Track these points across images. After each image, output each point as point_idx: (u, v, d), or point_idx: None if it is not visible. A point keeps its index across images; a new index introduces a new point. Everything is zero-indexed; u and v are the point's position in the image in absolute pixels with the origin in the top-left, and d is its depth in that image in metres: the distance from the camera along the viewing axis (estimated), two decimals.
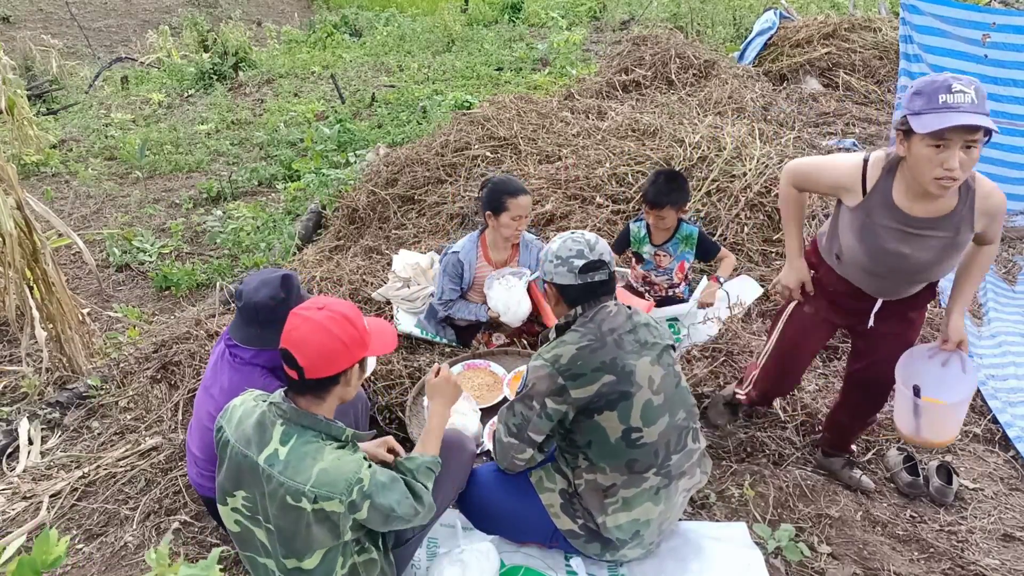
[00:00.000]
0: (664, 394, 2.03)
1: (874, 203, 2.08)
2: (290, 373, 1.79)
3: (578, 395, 1.97)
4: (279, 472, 1.72)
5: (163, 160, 7.26)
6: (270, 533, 1.78)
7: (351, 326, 1.81)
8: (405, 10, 15.22)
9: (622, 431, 1.98)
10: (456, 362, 2.97)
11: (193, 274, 4.82)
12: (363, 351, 1.85)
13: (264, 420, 1.80)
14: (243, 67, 10.83)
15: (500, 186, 3.15)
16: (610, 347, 1.99)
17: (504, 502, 2.17)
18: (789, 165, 2.36)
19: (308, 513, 1.71)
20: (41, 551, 1.18)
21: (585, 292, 2.07)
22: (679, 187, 3.26)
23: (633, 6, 12.54)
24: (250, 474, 1.77)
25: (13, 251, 3.27)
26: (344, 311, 1.82)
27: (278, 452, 1.74)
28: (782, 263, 3.79)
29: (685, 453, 2.11)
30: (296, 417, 1.78)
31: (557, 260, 2.08)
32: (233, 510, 1.82)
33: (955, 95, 1.85)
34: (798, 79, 7.00)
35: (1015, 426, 3.02)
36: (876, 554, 2.31)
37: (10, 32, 12.49)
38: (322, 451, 1.74)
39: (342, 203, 5.11)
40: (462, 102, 7.54)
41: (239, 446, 1.78)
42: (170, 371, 3.29)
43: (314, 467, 1.71)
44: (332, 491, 1.70)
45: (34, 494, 2.73)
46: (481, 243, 3.31)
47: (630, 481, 2.03)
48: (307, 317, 1.78)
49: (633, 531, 2.08)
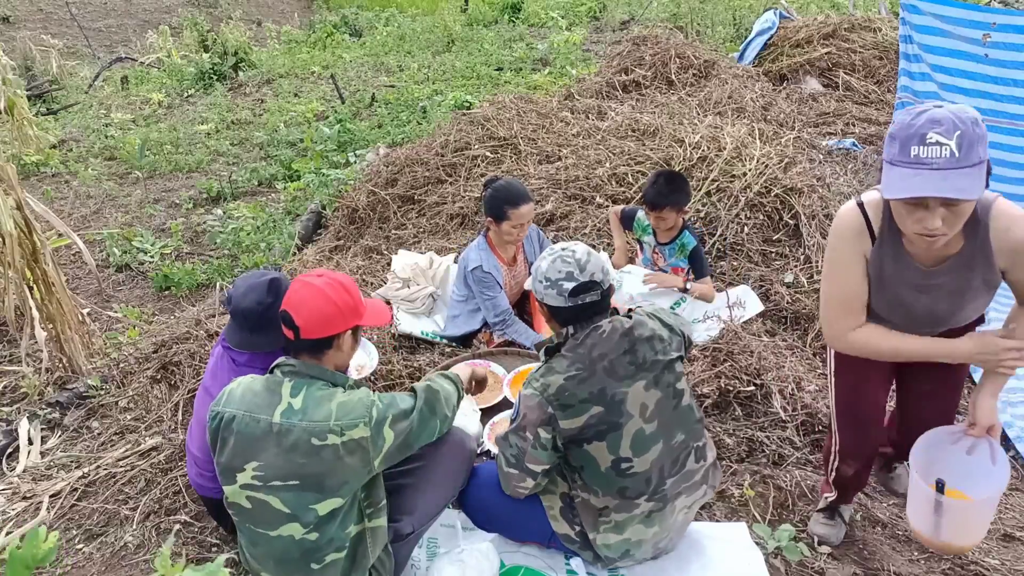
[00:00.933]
0: (658, 420, 1.97)
1: (885, 253, 1.85)
2: (287, 333, 1.90)
3: (566, 426, 1.93)
4: (299, 420, 1.80)
5: (163, 160, 7.26)
6: (290, 490, 1.81)
7: (347, 293, 1.93)
8: (405, 10, 15.22)
9: (611, 461, 1.95)
10: (456, 362, 2.97)
11: (193, 274, 4.82)
12: (357, 319, 1.96)
13: (270, 384, 1.89)
14: (243, 67, 10.83)
15: (501, 194, 3.11)
16: (599, 376, 1.92)
17: (505, 502, 2.16)
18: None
19: (338, 447, 1.79)
20: (31, 547, 1.19)
21: (577, 314, 1.99)
22: (679, 188, 3.24)
23: (633, 6, 12.55)
24: (262, 439, 1.82)
25: (13, 251, 3.27)
26: (341, 280, 1.95)
27: (292, 404, 1.83)
28: (782, 263, 3.80)
29: (682, 475, 2.05)
30: (304, 369, 1.89)
31: (547, 282, 2.00)
32: (243, 487, 1.84)
33: (929, 147, 1.55)
34: (798, 79, 7.00)
35: (1015, 426, 3.02)
36: (876, 554, 2.31)
37: (10, 32, 12.48)
38: (333, 394, 1.86)
39: (342, 203, 5.11)
40: (462, 102, 7.54)
41: (249, 414, 1.84)
42: (170, 371, 3.29)
43: (331, 403, 1.83)
44: (355, 418, 1.81)
45: (34, 494, 2.73)
46: (490, 246, 3.30)
47: (622, 506, 2.01)
48: (307, 282, 1.92)
49: (623, 551, 2.08)
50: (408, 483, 2.10)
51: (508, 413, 2.66)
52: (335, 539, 1.85)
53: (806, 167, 4.35)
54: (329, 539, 1.85)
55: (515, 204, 3.08)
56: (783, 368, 3.02)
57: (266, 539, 1.86)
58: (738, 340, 3.15)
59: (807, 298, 3.54)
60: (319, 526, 1.83)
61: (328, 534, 1.84)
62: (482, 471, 2.26)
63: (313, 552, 1.85)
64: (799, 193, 4.00)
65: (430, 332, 3.51)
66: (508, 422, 2.55)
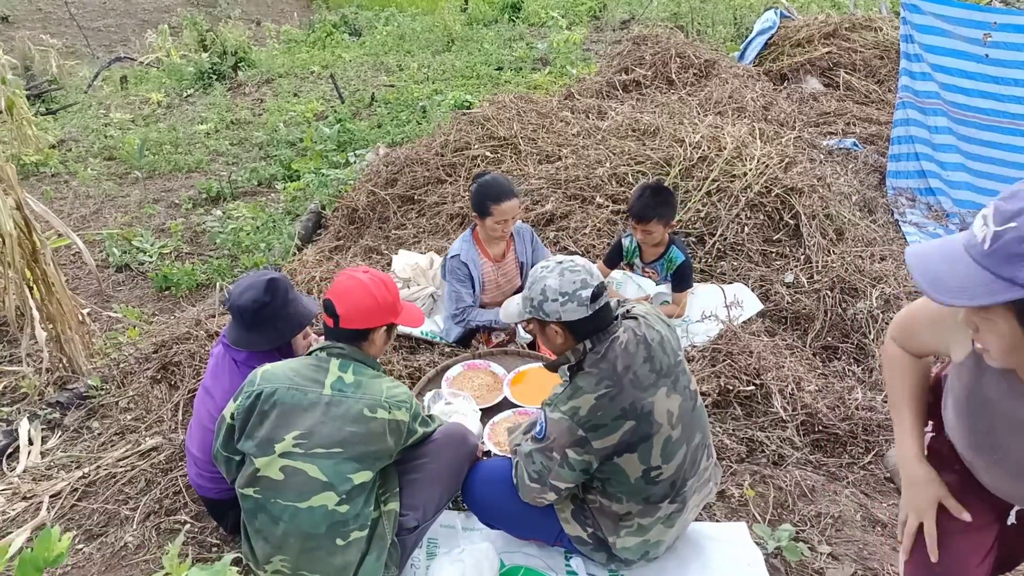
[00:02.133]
0: (682, 424, 1.96)
1: (989, 369, 1.33)
2: (327, 320, 2.05)
3: (600, 445, 1.88)
4: (352, 392, 1.96)
5: (162, 160, 7.26)
6: (331, 457, 1.90)
7: (388, 292, 2.09)
8: (405, 9, 15.20)
9: (642, 471, 1.93)
10: (456, 362, 2.97)
11: (193, 274, 4.81)
12: (393, 316, 2.12)
13: (316, 362, 2.02)
14: (242, 67, 10.82)
15: (485, 189, 3.09)
16: (628, 390, 1.86)
17: (513, 499, 2.14)
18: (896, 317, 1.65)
19: (385, 422, 1.95)
20: (43, 548, 1.18)
21: (598, 321, 1.93)
22: (665, 201, 3.18)
23: (633, 5, 12.53)
24: (308, 409, 1.93)
25: (13, 251, 3.26)
26: (384, 278, 2.11)
27: (343, 378, 1.98)
28: (782, 263, 3.79)
29: (697, 475, 2.07)
30: (352, 353, 2.04)
31: (563, 297, 1.89)
32: (282, 455, 1.90)
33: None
34: (798, 79, 6.99)
35: None
36: (876, 554, 2.31)
37: (9, 32, 12.47)
38: (381, 376, 2.06)
39: (342, 203, 5.10)
40: (462, 102, 7.53)
41: (297, 386, 1.96)
42: (170, 371, 3.29)
43: (382, 384, 2.01)
44: (401, 402, 2.00)
45: (34, 494, 2.73)
46: (475, 240, 3.29)
47: (646, 511, 2.01)
48: (352, 275, 2.09)
49: (643, 552, 2.08)
50: (413, 478, 2.13)
51: (508, 413, 2.66)
52: (361, 515, 1.93)
53: (806, 167, 4.34)
54: (356, 514, 1.92)
55: (498, 200, 3.05)
56: (783, 368, 3.02)
57: (293, 513, 1.89)
58: (738, 340, 3.15)
59: (807, 298, 3.54)
60: (351, 498, 1.91)
61: (356, 508, 1.92)
62: (489, 467, 2.26)
63: (340, 526, 1.90)
64: (799, 193, 4.00)
65: (430, 332, 3.51)
66: (508, 422, 2.57)
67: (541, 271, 1.97)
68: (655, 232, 3.23)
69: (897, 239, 4.42)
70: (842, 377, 3.19)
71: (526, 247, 3.39)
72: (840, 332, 3.44)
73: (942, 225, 4.73)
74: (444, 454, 2.17)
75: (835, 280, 3.56)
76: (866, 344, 3.34)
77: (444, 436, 2.21)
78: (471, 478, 2.24)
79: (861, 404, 2.93)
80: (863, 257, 3.81)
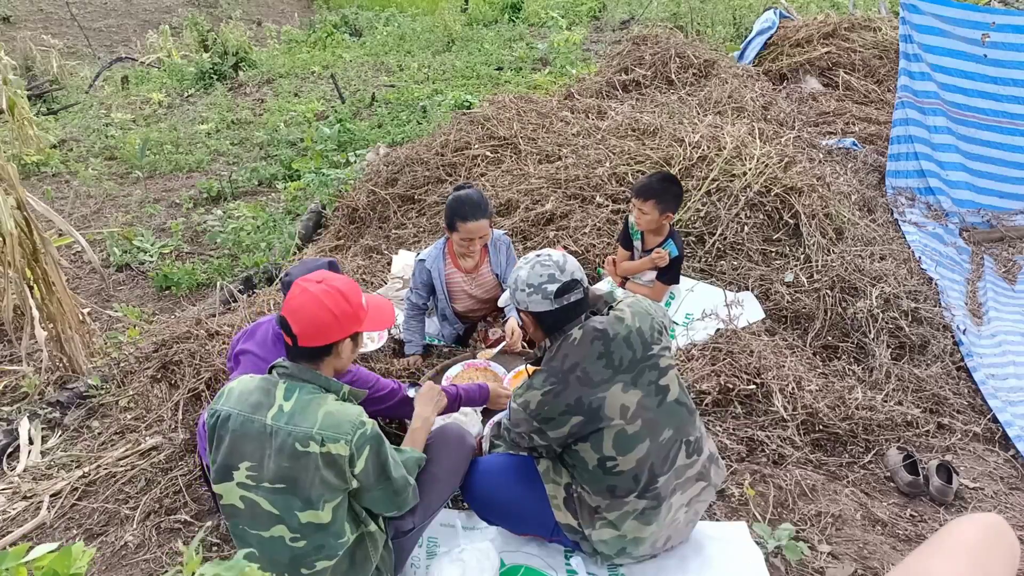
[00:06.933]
0: (642, 419, 1.97)
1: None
2: (287, 339, 1.88)
3: (554, 435, 2.00)
4: (285, 423, 1.79)
5: (163, 160, 7.26)
6: (277, 493, 1.80)
7: (344, 301, 1.89)
8: (405, 10, 15.21)
9: (597, 460, 1.99)
10: (456, 362, 2.98)
11: (193, 274, 4.82)
12: (356, 326, 1.93)
13: (266, 384, 1.87)
14: (243, 67, 10.83)
15: (456, 205, 3.00)
16: (573, 387, 1.93)
17: (509, 490, 2.18)
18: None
19: (317, 456, 1.77)
20: (63, 563, 1.13)
21: (563, 316, 2.01)
22: (668, 188, 3.17)
23: (633, 6, 12.54)
24: (255, 439, 1.81)
25: (13, 251, 3.27)
26: (340, 286, 1.90)
27: (283, 407, 1.82)
28: (782, 263, 3.79)
29: (674, 472, 2.04)
30: (297, 372, 1.87)
31: (529, 288, 2.01)
32: (238, 485, 1.83)
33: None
34: (798, 79, 6.99)
35: (1015, 425, 3.02)
36: (876, 553, 2.31)
37: (10, 32, 12.48)
38: (324, 399, 1.84)
39: (342, 203, 5.11)
40: (462, 102, 7.54)
41: (244, 413, 1.83)
42: (170, 371, 3.28)
43: (319, 411, 1.80)
44: (338, 433, 1.78)
45: (34, 494, 2.74)
46: (448, 250, 3.22)
47: (612, 504, 2.03)
48: (304, 288, 1.88)
49: (619, 547, 2.08)
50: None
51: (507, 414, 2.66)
52: (325, 547, 1.85)
53: (806, 166, 4.34)
54: (318, 546, 1.84)
55: (464, 218, 2.96)
56: (783, 367, 3.02)
57: (259, 540, 1.87)
58: (738, 339, 3.15)
59: (807, 297, 3.54)
60: (305, 535, 1.83)
61: (316, 542, 1.84)
62: (486, 462, 2.29)
63: (302, 558, 1.85)
64: (799, 192, 4.00)
65: (427, 334, 3.50)
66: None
67: (521, 262, 2.09)
68: (648, 214, 3.19)
69: (897, 238, 4.42)
70: (842, 376, 3.19)
71: (500, 258, 3.28)
72: (840, 331, 3.44)
73: (941, 224, 4.74)
74: (442, 456, 2.16)
75: (835, 279, 3.56)
76: (866, 343, 3.35)
77: (442, 437, 2.20)
78: (469, 473, 2.25)
79: (861, 403, 2.93)
80: (863, 256, 3.81)
